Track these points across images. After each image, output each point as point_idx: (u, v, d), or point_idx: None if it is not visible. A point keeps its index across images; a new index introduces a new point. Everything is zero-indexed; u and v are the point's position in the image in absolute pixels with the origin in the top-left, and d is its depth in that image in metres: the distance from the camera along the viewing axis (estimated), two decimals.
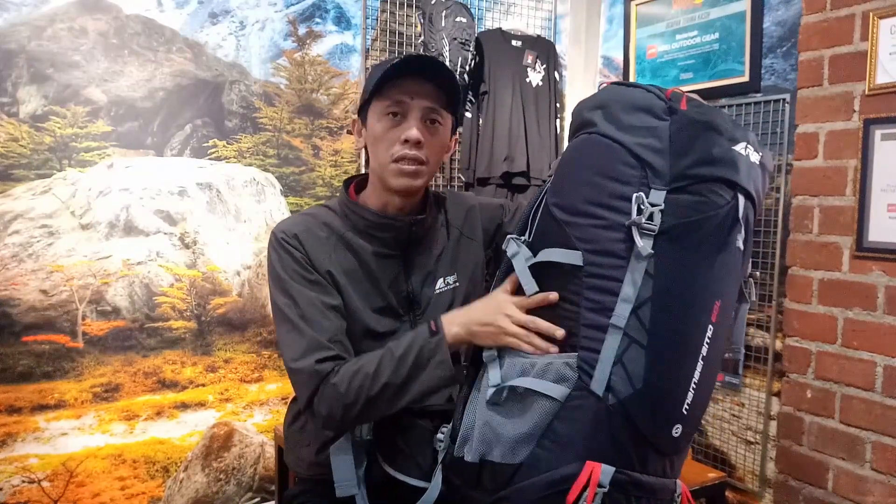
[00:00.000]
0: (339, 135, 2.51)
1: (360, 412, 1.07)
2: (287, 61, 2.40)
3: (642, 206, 0.88)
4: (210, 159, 2.30)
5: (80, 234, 2.10)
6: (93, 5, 2.09)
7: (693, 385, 0.91)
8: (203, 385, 2.30)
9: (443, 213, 1.31)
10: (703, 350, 0.91)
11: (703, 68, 2.24)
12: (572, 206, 0.95)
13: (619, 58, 2.59)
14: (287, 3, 2.39)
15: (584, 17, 2.72)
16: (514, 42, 2.60)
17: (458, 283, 1.27)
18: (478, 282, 1.32)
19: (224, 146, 2.32)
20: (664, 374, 0.89)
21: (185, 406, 2.27)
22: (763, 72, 2.04)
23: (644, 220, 0.87)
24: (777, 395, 1.99)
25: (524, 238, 1.01)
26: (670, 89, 0.95)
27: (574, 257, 0.93)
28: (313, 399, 1.09)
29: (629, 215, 0.88)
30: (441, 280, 1.26)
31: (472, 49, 2.45)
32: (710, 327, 0.91)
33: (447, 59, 2.37)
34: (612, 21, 2.68)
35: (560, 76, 2.75)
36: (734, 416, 2.13)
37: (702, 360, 0.91)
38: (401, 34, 2.53)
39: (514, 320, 0.99)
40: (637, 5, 2.48)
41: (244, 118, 2.35)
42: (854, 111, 1.76)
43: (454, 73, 1.18)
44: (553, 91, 2.67)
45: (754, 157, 0.94)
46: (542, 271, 0.97)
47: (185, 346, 2.27)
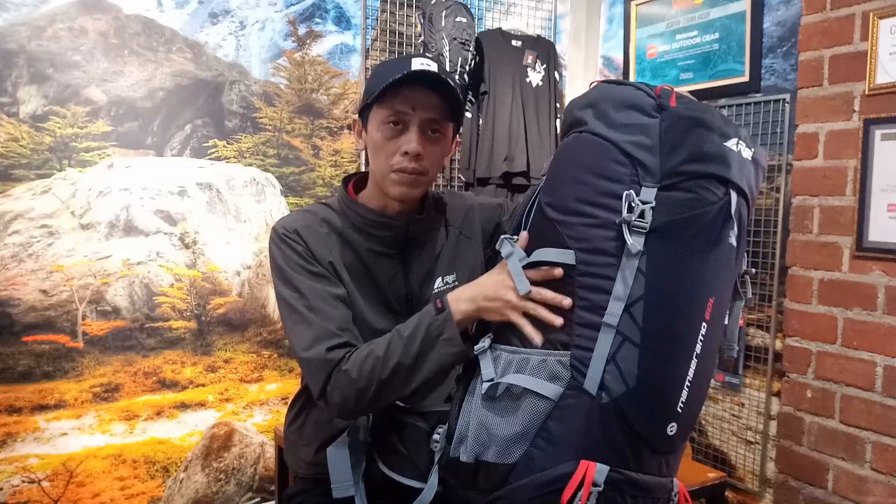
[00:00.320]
0: (339, 135, 2.51)
1: (373, 396, 1.06)
2: (287, 61, 2.40)
3: (633, 204, 0.87)
4: (210, 159, 2.30)
5: (80, 234, 2.10)
6: (93, 5, 2.09)
7: (687, 383, 0.90)
8: (203, 385, 2.30)
9: (442, 213, 1.31)
10: (697, 348, 0.91)
11: (703, 68, 2.24)
12: (564, 205, 0.95)
13: (619, 58, 2.59)
14: (287, 3, 2.39)
15: (584, 17, 2.72)
16: (514, 42, 2.60)
17: (457, 283, 1.27)
18: None
19: (224, 146, 2.32)
20: (657, 372, 0.89)
21: (185, 406, 2.27)
22: (763, 72, 2.05)
23: (635, 218, 0.87)
24: (777, 395, 1.99)
25: (517, 238, 1.01)
26: (659, 86, 0.94)
27: (566, 256, 0.93)
28: (326, 387, 1.09)
29: (620, 213, 0.88)
30: (440, 279, 1.26)
31: (472, 49, 2.45)
32: (704, 325, 0.91)
33: (447, 59, 2.37)
34: (612, 21, 2.68)
35: (560, 76, 2.75)
36: (734, 416, 2.13)
37: (696, 358, 0.91)
38: (401, 34, 2.53)
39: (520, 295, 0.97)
40: (637, 5, 2.48)
41: (244, 118, 2.35)
42: (854, 111, 1.76)
43: (456, 84, 1.17)
44: (553, 91, 2.67)
45: (746, 154, 0.94)
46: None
47: (185, 346, 2.27)
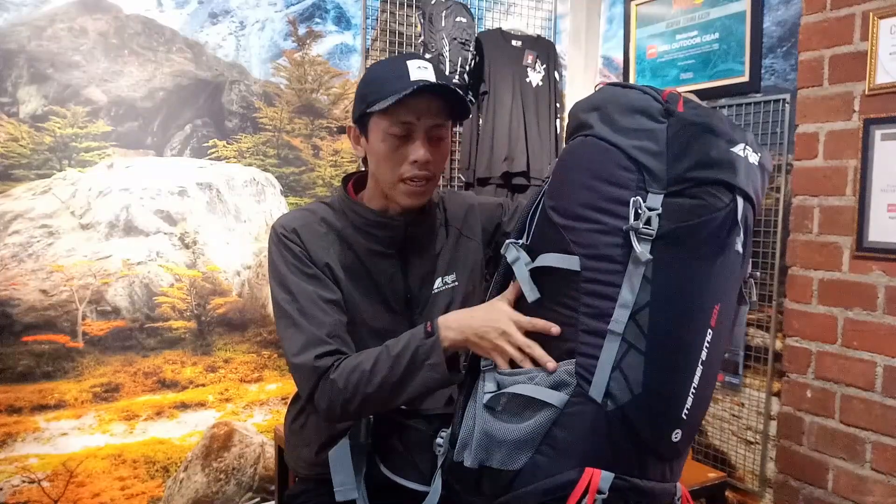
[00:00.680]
0: (339, 135, 2.51)
1: (357, 407, 1.08)
2: (287, 61, 2.40)
3: (640, 211, 0.87)
4: (210, 159, 2.30)
5: (80, 234, 2.10)
6: (93, 5, 2.09)
7: (693, 390, 0.90)
8: (203, 385, 2.30)
9: (442, 213, 1.31)
10: (703, 354, 0.90)
11: (703, 68, 2.24)
12: (569, 209, 0.94)
13: (619, 58, 2.59)
14: (287, 3, 2.39)
15: (584, 17, 2.72)
16: (514, 42, 2.60)
17: (456, 283, 1.27)
18: (477, 281, 1.32)
19: (224, 146, 2.32)
20: (663, 380, 0.88)
21: (185, 406, 2.27)
22: (763, 72, 2.04)
23: (642, 225, 0.86)
24: (777, 395, 1.99)
25: (522, 241, 1.00)
26: (667, 90, 0.93)
27: (572, 262, 0.92)
28: (314, 394, 1.10)
29: (627, 220, 0.87)
30: (439, 279, 1.26)
31: (472, 49, 2.45)
32: (710, 331, 0.90)
33: (447, 59, 2.36)
34: (612, 21, 2.68)
35: (560, 76, 2.75)
36: (734, 416, 2.13)
37: (701, 365, 0.90)
38: (401, 34, 2.53)
39: (512, 341, 0.98)
40: (637, 5, 2.48)
41: (244, 118, 2.35)
42: (854, 111, 1.76)
43: (457, 87, 1.16)
44: (553, 91, 2.67)
45: (753, 158, 0.93)
46: (539, 276, 0.96)
47: (185, 346, 2.27)
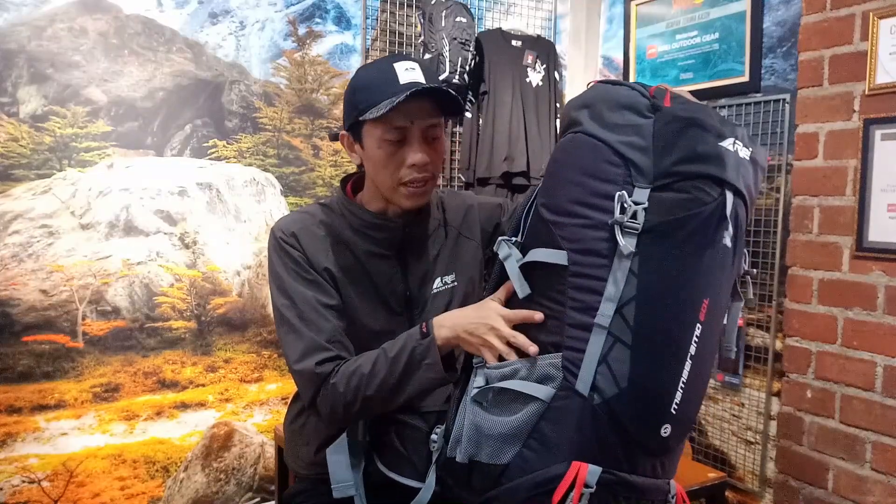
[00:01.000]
0: (333, 141, 2.51)
1: (359, 410, 1.10)
2: (287, 61, 2.40)
3: (625, 205, 0.87)
4: (210, 159, 2.30)
5: (80, 234, 2.10)
6: (93, 5, 2.09)
7: (681, 384, 0.90)
8: (203, 385, 2.30)
9: (441, 213, 1.31)
10: (691, 349, 0.90)
11: (703, 68, 2.24)
12: (559, 206, 0.95)
13: (619, 58, 2.59)
14: (287, 3, 2.39)
15: (584, 17, 2.72)
16: (514, 42, 2.60)
17: (456, 283, 1.27)
18: (476, 281, 1.32)
19: (224, 146, 2.32)
20: (649, 374, 0.88)
21: (185, 406, 2.27)
22: (763, 72, 2.04)
23: (627, 219, 0.87)
24: (777, 395, 1.99)
25: (516, 239, 1.01)
26: (654, 86, 0.94)
27: (559, 257, 0.92)
28: (316, 399, 1.12)
29: (613, 214, 0.88)
30: (439, 279, 1.26)
31: (472, 49, 2.45)
32: (699, 326, 0.90)
33: (447, 59, 2.36)
34: (612, 21, 2.68)
35: (560, 76, 2.75)
36: (734, 416, 2.13)
37: (690, 360, 0.90)
38: (401, 34, 2.53)
39: (499, 334, 0.99)
40: (637, 5, 2.48)
41: (244, 118, 2.35)
42: (854, 111, 1.76)
43: (456, 87, 1.16)
44: (553, 91, 2.67)
45: (744, 153, 0.93)
46: (529, 271, 0.97)
47: (185, 346, 2.27)
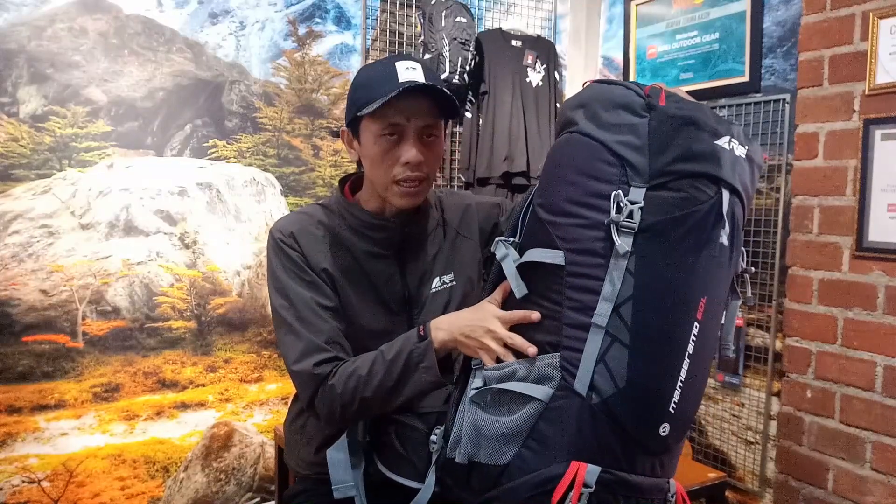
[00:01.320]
0: (335, 138, 2.51)
1: (356, 411, 1.10)
2: (287, 61, 2.40)
3: (621, 204, 0.87)
4: (210, 159, 2.30)
5: (80, 234, 2.10)
6: (93, 5, 2.09)
7: (680, 383, 0.90)
8: (203, 385, 2.30)
9: (439, 213, 1.31)
10: (689, 347, 0.90)
11: (703, 68, 2.24)
12: (555, 205, 0.95)
13: (619, 58, 2.59)
14: (287, 3, 2.39)
15: (584, 17, 2.72)
16: (514, 42, 2.60)
17: (454, 283, 1.27)
18: (475, 281, 1.32)
19: (224, 146, 2.32)
20: (647, 373, 0.88)
21: (185, 406, 2.27)
22: (763, 72, 2.04)
23: (623, 218, 0.87)
24: (777, 395, 1.99)
25: (513, 240, 1.01)
26: (649, 85, 0.94)
27: (556, 257, 0.93)
28: (314, 400, 1.12)
29: (609, 213, 0.88)
30: (437, 279, 1.26)
31: (472, 49, 2.45)
32: (696, 324, 0.90)
33: (447, 59, 2.36)
34: (612, 21, 2.68)
35: (560, 76, 2.75)
36: (734, 416, 2.13)
37: (688, 358, 0.90)
38: (401, 34, 2.53)
39: (495, 336, 0.99)
40: (637, 5, 2.48)
41: (244, 118, 2.35)
42: (854, 111, 1.76)
43: (445, 77, 1.17)
44: (553, 91, 2.67)
45: (739, 151, 0.93)
46: (526, 271, 0.98)
47: (185, 346, 2.27)
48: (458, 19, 2.40)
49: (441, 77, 2.31)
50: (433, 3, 2.40)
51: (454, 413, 1.02)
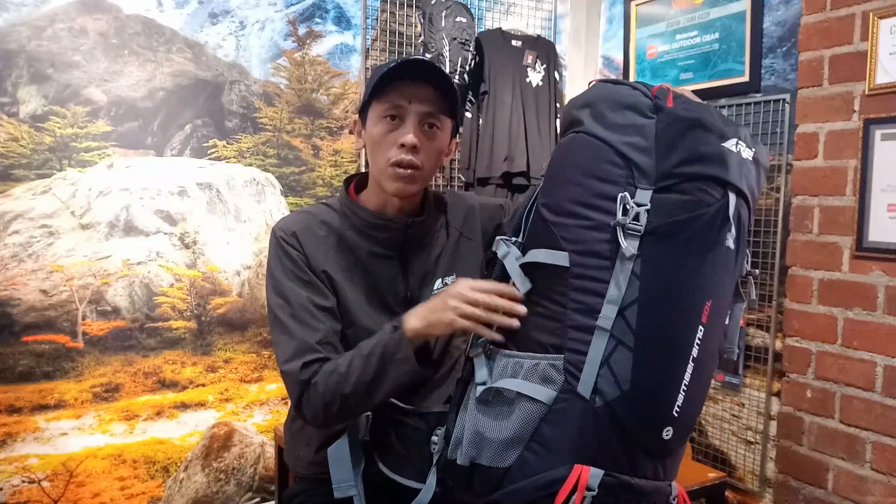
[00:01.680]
0: (339, 135, 2.51)
1: (339, 410, 1.09)
2: (287, 61, 2.40)
3: (627, 207, 0.87)
4: (210, 159, 2.30)
5: (80, 234, 2.10)
6: (93, 5, 2.09)
7: (683, 387, 0.90)
8: (203, 385, 2.30)
9: (442, 214, 1.31)
10: (694, 351, 0.90)
11: (703, 68, 2.24)
12: (560, 206, 0.94)
13: (619, 58, 2.59)
14: (287, 3, 2.39)
15: (584, 17, 2.72)
16: (514, 42, 2.60)
17: None
18: None
19: (224, 146, 2.32)
20: (651, 376, 0.88)
21: (185, 406, 2.27)
22: (763, 72, 2.04)
23: (629, 221, 0.86)
24: (777, 395, 1.99)
25: (516, 239, 1.00)
26: (657, 86, 0.93)
27: (560, 258, 0.92)
28: (300, 401, 1.12)
29: (615, 215, 0.87)
30: (439, 280, 1.26)
31: (472, 49, 2.45)
32: (701, 328, 0.90)
33: (447, 59, 2.36)
34: (612, 21, 2.68)
35: (560, 76, 2.75)
36: (734, 416, 2.13)
37: (692, 362, 0.90)
38: (401, 34, 2.53)
39: (466, 299, 0.98)
40: (637, 5, 2.48)
41: (244, 118, 2.35)
42: (854, 111, 1.76)
43: (451, 77, 1.18)
44: (553, 91, 2.66)
45: (746, 154, 0.93)
46: (530, 272, 0.97)
47: (185, 346, 2.27)
48: (458, 19, 2.40)
49: None
50: (433, 3, 2.40)
51: (455, 414, 1.02)
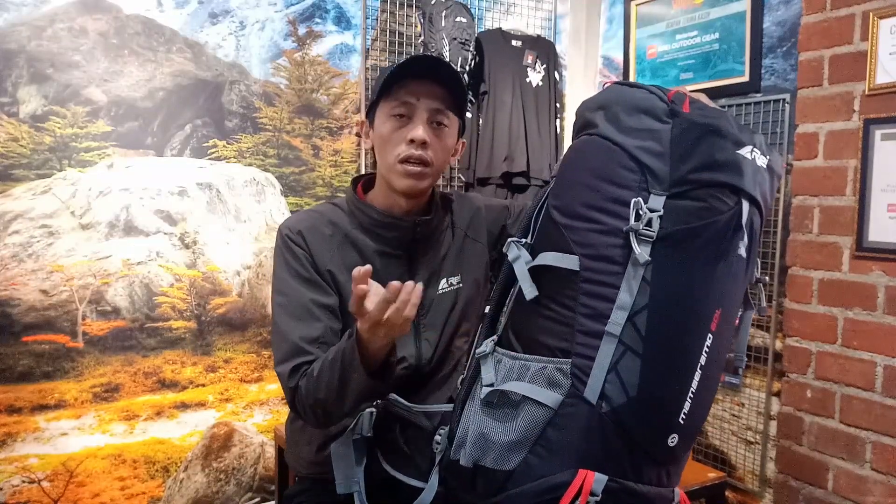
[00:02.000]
0: (339, 135, 2.51)
1: (323, 413, 1.09)
2: (287, 61, 2.40)
3: (640, 212, 0.86)
4: (210, 159, 2.29)
5: (80, 234, 2.10)
6: (93, 5, 2.08)
7: (690, 394, 0.89)
8: (203, 385, 2.30)
9: (448, 214, 1.31)
10: (702, 359, 0.89)
11: (703, 68, 2.24)
12: (571, 209, 0.93)
13: (619, 58, 2.59)
14: (287, 3, 2.39)
15: (584, 17, 2.72)
16: (514, 42, 2.60)
17: (461, 284, 1.27)
18: (481, 283, 1.32)
19: (224, 146, 2.32)
20: (659, 383, 0.88)
21: (185, 406, 2.27)
22: (763, 72, 2.04)
23: (642, 227, 0.86)
24: (777, 395, 1.99)
25: (526, 241, 0.99)
26: (673, 90, 0.92)
27: (571, 262, 0.91)
28: (293, 401, 1.12)
29: (627, 220, 0.87)
30: (444, 281, 1.26)
31: (472, 49, 2.45)
32: (710, 336, 0.89)
33: (447, 59, 2.37)
34: (612, 21, 2.68)
35: (560, 76, 2.75)
36: (734, 416, 2.13)
37: (700, 370, 0.89)
38: (401, 34, 2.52)
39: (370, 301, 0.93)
40: (637, 5, 2.48)
41: (244, 118, 2.35)
42: (854, 111, 1.76)
43: (459, 74, 1.18)
44: (553, 91, 2.66)
45: (761, 161, 0.92)
46: (539, 275, 0.96)
47: (185, 346, 2.27)
48: (458, 19, 2.40)
49: None
50: (433, 3, 2.40)
51: (459, 414, 1.01)
